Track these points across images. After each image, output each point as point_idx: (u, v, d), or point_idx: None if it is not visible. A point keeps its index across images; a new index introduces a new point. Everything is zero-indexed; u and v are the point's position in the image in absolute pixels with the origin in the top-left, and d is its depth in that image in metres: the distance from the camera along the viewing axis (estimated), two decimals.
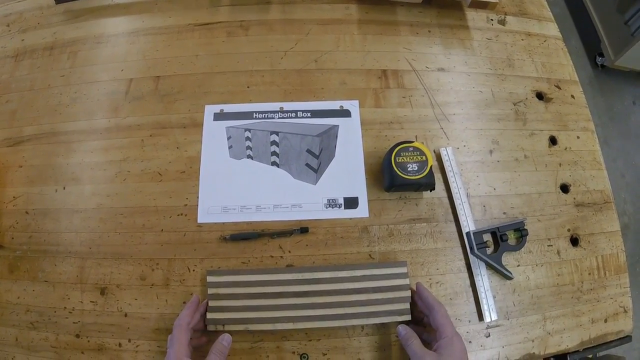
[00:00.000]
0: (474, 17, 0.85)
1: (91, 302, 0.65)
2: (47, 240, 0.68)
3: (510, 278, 0.66)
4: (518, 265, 0.68)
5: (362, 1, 0.84)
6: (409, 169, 0.64)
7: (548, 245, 0.69)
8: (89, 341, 0.63)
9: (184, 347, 0.55)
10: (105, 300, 0.65)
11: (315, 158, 0.71)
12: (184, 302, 0.64)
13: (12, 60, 0.82)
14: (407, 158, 0.65)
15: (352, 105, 0.75)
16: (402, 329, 0.58)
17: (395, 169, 0.64)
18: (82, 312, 0.64)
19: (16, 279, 0.67)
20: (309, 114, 0.74)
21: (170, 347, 0.56)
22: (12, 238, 0.69)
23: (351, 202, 0.69)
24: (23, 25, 0.85)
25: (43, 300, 0.65)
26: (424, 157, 0.65)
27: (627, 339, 0.68)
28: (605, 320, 0.67)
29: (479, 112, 0.76)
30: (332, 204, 0.69)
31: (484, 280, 0.65)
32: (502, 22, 0.86)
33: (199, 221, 0.68)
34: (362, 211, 0.68)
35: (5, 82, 0.80)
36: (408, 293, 0.63)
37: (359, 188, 0.70)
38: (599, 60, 1.86)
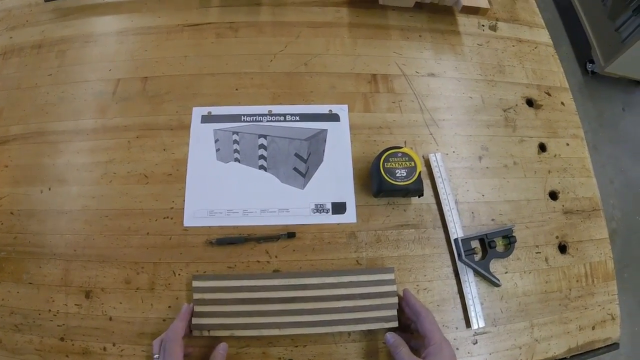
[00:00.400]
0: (465, 22, 0.85)
1: (76, 305, 0.64)
2: (32, 241, 0.67)
3: (498, 285, 0.66)
4: (506, 272, 0.68)
5: (353, 4, 0.84)
6: (398, 175, 0.64)
7: (536, 253, 0.69)
8: (73, 345, 0.62)
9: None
10: (90, 303, 0.64)
11: (303, 162, 0.70)
12: (169, 307, 0.63)
13: None
14: (395, 164, 0.65)
15: (341, 110, 0.75)
16: (391, 336, 0.58)
17: (384, 174, 0.64)
18: (67, 315, 0.64)
19: (0, 281, 0.66)
20: (297, 118, 0.74)
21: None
22: None
23: (339, 207, 0.69)
24: (11, 23, 0.84)
25: (27, 303, 0.64)
26: (412, 163, 0.65)
27: (614, 346, 0.68)
28: (593, 328, 0.67)
29: (469, 118, 0.76)
30: (319, 209, 0.68)
31: (472, 287, 0.65)
32: (493, 28, 0.86)
33: (185, 225, 0.67)
34: (350, 216, 0.68)
35: None
36: (395, 299, 0.63)
37: (347, 193, 0.69)
38: (589, 66, 1.87)
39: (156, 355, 0.56)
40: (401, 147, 0.65)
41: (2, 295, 0.65)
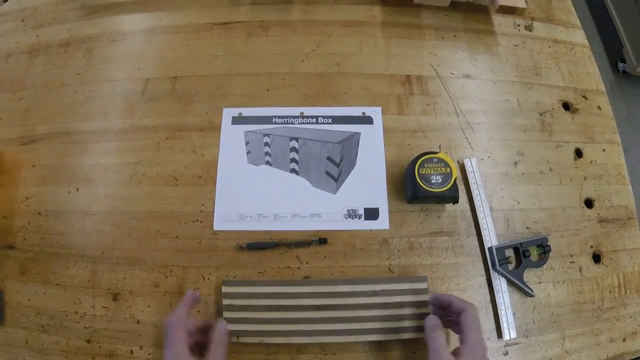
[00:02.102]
0: (501, 22, 0.82)
1: (103, 307, 0.63)
2: (59, 242, 0.67)
3: (531, 295, 0.64)
4: (539, 282, 0.66)
5: (387, 3, 0.82)
6: (433, 181, 0.62)
7: (570, 262, 0.67)
8: (100, 347, 0.62)
9: (183, 346, 0.52)
10: (117, 306, 0.63)
11: (335, 166, 0.69)
12: (198, 311, 0.62)
13: (26, 56, 0.81)
14: (431, 169, 0.63)
15: (375, 112, 0.73)
16: (433, 319, 0.56)
17: (419, 180, 0.62)
18: (94, 317, 0.63)
19: (27, 281, 0.66)
20: (330, 120, 0.72)
21: (168, 348, 0.52)
22: (24, 239, 0.68)
23: (372, 213, 0.67)
24: (38, 21, 0.84)
25: (54, 304, 0.64)
26: (448, 169, 0.63)
27: None
28: (624, 340, 0.65)
29: (505, 122, 0.74)
30: (352, 214, 0.67)
31: (505, 297, 0.63)
32: (529, 28, 0.83)
33: (214, 228, 0.66)
34: (382, 223, 0.66)
35: (19, 79, 0.79)
36: (428, 309, 0.61)
37: (380, 199, 0.68)
38: (620, 66, 1.82)
39: None
40: (437, 152, 0.63)
41: (29, 296, 0.65)
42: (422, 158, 0.63)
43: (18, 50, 0.82)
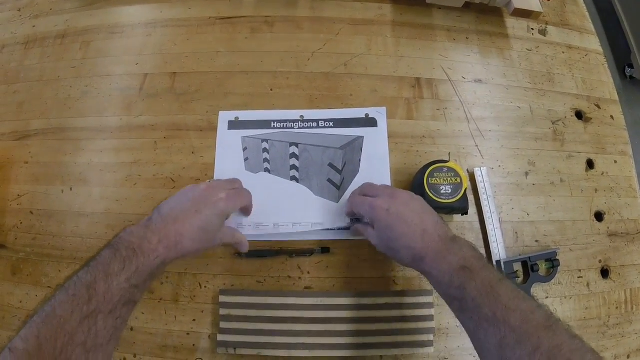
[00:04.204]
0: (514, 25, 0.79)
1: None
2: (52, 243, 0.65)
3: None
4: (547, 297, 0.63)
5: (397, 1, 0.79)
6: (442, 192, 0.59)
7: (578, 277, 0.65)
8: None
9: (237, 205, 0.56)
10: None
11: (338, 173, 0.66)
12: (194, 320, 0.60)
13: (22, 47, 0.78)
14: (440, 179, 0.60)
15: (379, 113, 0.69)
16: (355, 227, 0.59)
17: (428, 191, 0.59)
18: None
19: (19, 282, 0.63)
20: (331, 124, 0.69)
21: (232, 194, 0.55)
22: (16, 238, 0.65)
23: None
24: (35, 11, 0.81)
25: None
26: (458, 179, 0.60)
27: None
28: (628, 356, 0.63)
29: (516, 130, 0.71)
30: (355, 223, 0.64)
31: None
32: (543, 33, 0.80)
33: None
34: None
35: (14, 71, 0.76)
36: (432, 324, 0.59)
37: None
38: (628, 71, 1.80)
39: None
40: (447, 162, 0.61)
41: (20, 298, 0.63)
42: (432, 167, 0.60)
43: (13, 42, 0.79)
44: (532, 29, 0.80)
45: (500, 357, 0.38)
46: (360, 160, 0.67)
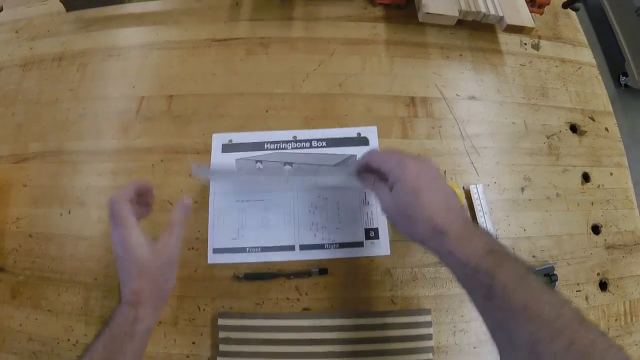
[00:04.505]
0: (507, 40, 0.80)
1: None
2: (51, 267, 0.65)
3: None
4: None
5: (390, 20, 0.79)
6: None
7: (577, 291, 0.65)
8: None
9: (134, 225, 0.47)
10: None
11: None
12: (193, 342, 0.60)
13: (19, 69, 0.78)
14: None
15: (370, 132, 0.69)
16: (360, 177, 0.53)
17: None
18: (87, 346, 0.61)
19: (18, 305, 0.64)
20: (324, 143, 0.69)
21: (115, 227, 0.47)
22: (15, 262, 0.66)
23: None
24: (32, 33, 0.81)
25: (46, 330, 0.62)
26: None
27: None
28: None
29: (511, 146, 0.72)
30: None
31: None
32: (535, 47, 0.81)
33: (209, 262, 0.63)
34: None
35: (12, 93, 0.77)
36: (431, 343, 0.59)
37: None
38: (622, 79, 1.81)
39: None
40: None
41: (19, 321, 0.63)
42: None
43: (11, 63, 0.79)
44: (525, 44, 0.81)
45: (531, 352, 0.35)
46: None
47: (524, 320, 0.36)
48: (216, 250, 0.63)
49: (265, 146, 0.69)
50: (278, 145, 0.69)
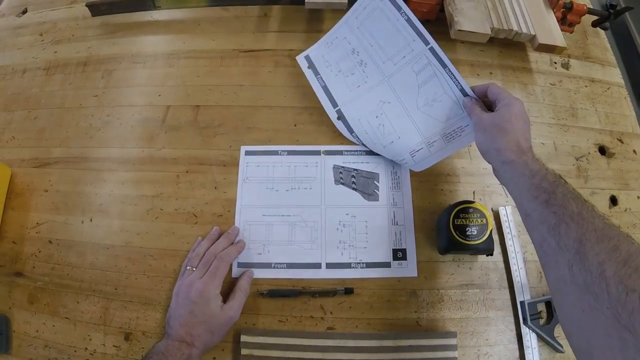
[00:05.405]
0: (537, 58, 0.79)
1: (114, 346, 0.60)
2: (70, 274, 0.64)
3: (561, 352, 0.61)
4: None
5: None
6: (468, 233, 0.59)
7: None
8: None
9: (221, 282, 0.59)
10: (129, 346, 0.60)
11: None
12: (214, 358, 0.59)
13: (43, 72, 0.78)
14: (466, 220, 0.59)
15: None
16: (468, 100, 0.60)
17: (453, 232, 0.59)
18: (104, 356, 0.60)
19: (36, 311, 0.63)
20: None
21: (209, 277, 0.58)
22: (34, 267, 0.65)
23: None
24: (57, 36, 0.81)
25: (63, 338, 0.61)
26: (484, 220, 0.59)
27: None
28: None
29: None
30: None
31: (534, 353, 0.60)
32: (565, 66, 0.80)
33: (233, 275, 0.63)
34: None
35: (35, 97, 0.76)
36: None
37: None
38: None
39: (189, 268, 0.59)
40: (472, 202, 0.60)
41: (36, 327, 0.62)
42: (458, 208, 0.60)
43: (35, 66, 0.79)
44: (555, 63, 0.80)
45: (577, 251, 0.38)
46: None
47: (576, 224, 0.40)
48: (241, 265, 0.63)
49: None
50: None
